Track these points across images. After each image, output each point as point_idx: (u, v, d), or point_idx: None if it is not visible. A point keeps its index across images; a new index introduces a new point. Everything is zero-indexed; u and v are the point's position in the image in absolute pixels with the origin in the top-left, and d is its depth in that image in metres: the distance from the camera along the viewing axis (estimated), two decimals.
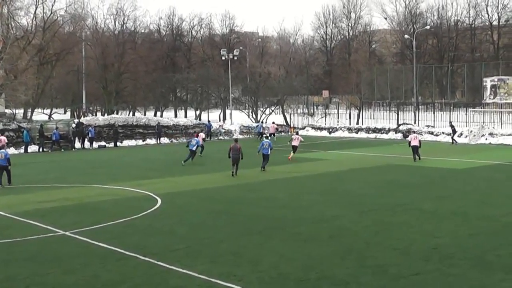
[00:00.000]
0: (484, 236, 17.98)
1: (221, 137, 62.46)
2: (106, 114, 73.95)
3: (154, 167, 37.52)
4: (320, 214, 21.57)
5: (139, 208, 22.73)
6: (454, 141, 51.82)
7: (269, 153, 34.91)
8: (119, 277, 14.44)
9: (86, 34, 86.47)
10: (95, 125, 54.54)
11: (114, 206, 23.89)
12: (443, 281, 13.76)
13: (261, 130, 60.28)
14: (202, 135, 46.65)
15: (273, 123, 62.33)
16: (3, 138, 43.60)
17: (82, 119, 58.99)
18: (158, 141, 57.29)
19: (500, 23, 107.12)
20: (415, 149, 38.54)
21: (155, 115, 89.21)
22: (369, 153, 44.61)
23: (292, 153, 40.40)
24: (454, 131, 52.52)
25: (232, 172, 32.70)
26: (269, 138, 43.83)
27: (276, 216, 21.28)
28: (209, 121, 64.56)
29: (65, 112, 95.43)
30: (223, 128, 64.74)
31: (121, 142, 55.22)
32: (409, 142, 39.06)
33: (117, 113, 77.98)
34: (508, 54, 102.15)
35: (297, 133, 43.19)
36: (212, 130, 62.14)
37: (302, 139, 41.99)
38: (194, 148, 38.28)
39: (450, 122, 55.19)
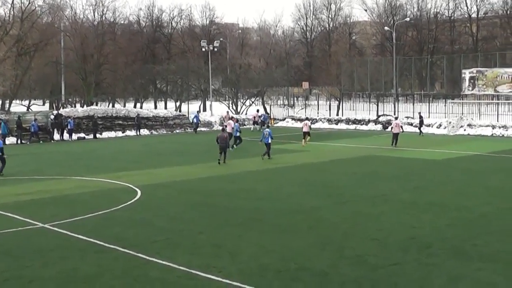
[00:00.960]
0: (462, 226, 18.16)
1: (202, 128, 62.31)
2: (85, 106, 73.46)
3: (134, 159, 37.41)
4: (299, 205, 21.65)
5: (118, 200, 22.67)
6: (421, 132, 52.32)
7: (269, 141, 35.67)
8: (98, 270, 14.42)
9: (65, 25, 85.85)
10: (74, 117, 54.23)
11: (93, 198, 23.80)
12: (421, 271, 13.88)
13: (266, 120, 60.23)
14: (231, 122, 45.19)
15: (257, 111, 63.20)
16: None
17: (61, 111, 58.57)
18: (138, 133, 57.08)
19: (479, 16, 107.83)
20: (395, 136, 41.37)
21: (134, 106, 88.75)
22: (348, 144, 44.79)
23: (304, 140, 43.04)
24: (421, 122, 53.05)
25: (219, 160, 33.48)
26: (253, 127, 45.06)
27: (255, 207, 21.33)
28: (198, 111, 63.60)
29: (43, 104, 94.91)
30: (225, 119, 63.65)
31: (101, 134, 54.98)
32: (392, 128, 40.58)
33: (96, 105, 77.57)
34: (487, 46, 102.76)
35: (307, 118, 46.30)
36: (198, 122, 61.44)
37: (311, 125, 44.84)
38: (238, 134, 40.36)
39: (419, 112, 55.61)
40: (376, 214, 19.86)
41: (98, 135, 54.55)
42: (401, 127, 43.98)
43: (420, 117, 53.95)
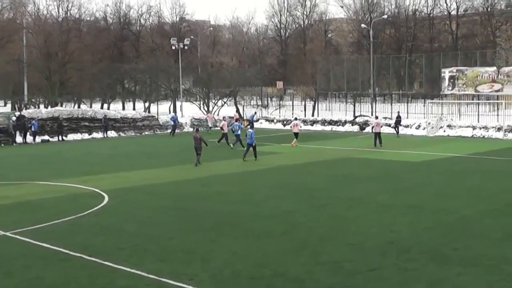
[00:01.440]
0: (441, 229, 18.31)
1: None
2: (49, 107, 73.00)
3: (101, 162, 37.23)
4: (273, 209, 21.70)
5: (84, 206, 22.54)
6: (397, 132, 52.86)
7: (252, 142, 36.02)
8: (63, 279, 14.31)
9: (27, 21, 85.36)
10: (38, 118, 53.80)
11: (58, 203, 23.64)
12: (400, 276, 13.97)
13: (254, 119, 60.65)
14: (224, 123, 46.94)
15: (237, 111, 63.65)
16: None
17: (24, 112, 58.08)
18: (105, 135, 56.79)
19: (459, 13, 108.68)
20: (377, 135, 42.55)
21: (101, 107, 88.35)
22: (324, 146, 44.97)
23: (295, 140, 44.44)
24: (398, 122, 53.43)
25: (196, 161, 34.21)
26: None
27: (228, 211, 21.34)
28: (175, 112, 63.26)
29: (5, 105, 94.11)
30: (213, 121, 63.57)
31: (66, 136, 54.58)
32: (372, 127, 41.30)
33: (61, 105, 77.13)
34: (467, 44, 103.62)
35: (295, 119, 47.43)
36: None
37: (301, 125, 46.12)
38: (239, 133, 40.98)
39: (398, 112, 55.87)
40: (353, 218, 19.97)
41: (63, 138, 54.15)
42: (380, 127, 44.90)
43: (398, 116, 54.17)
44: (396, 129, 53.35)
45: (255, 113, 67.29)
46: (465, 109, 62.69)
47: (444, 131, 53.57)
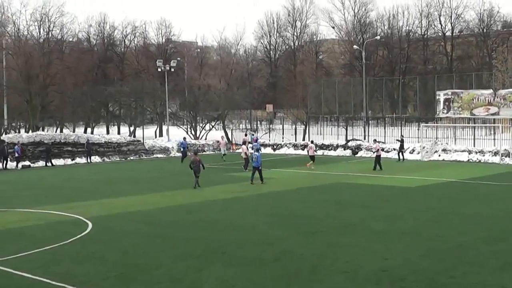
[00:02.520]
0: (436, 256, 18.40)
1: (158, 155, 62.15)
2: (30, 131, 72.93)
3: (85, 188, 37.20)
4: (264, 236, 21.75)
5: (68, 233, 22.52)
6: (400, 157, 52.72)
7: (258, 166, 37.43)
8: None
9: (7, 42, 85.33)
10: (19, 144, 53.58)
11: (40, 231, 23.59)
12: None
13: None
14: (244, 147, 47.47)
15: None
16: None
17: (4, 137, 57.99)
18: (89, 160, 56.70)
19: (454, 34, 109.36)
20: (378, 159, 44.19)
21: (85, 131, 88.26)
22: (316, 171, 45.07)
23: (312, 162, 46.62)
24: (402, 146, 53.40)
25: (195, 184, 35.75)
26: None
27: (216, 239, 21.38)
28: (184, 138, 61.42)
29: None
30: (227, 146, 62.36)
31: (51, 163, 54.24)
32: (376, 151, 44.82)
33: (43, 130, 76.98)
34: (462, 67, 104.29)
35: (312, 142, 49.13)
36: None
37: (315, 148, 48.36)
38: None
39: (402, 135, 55.92)
40: (346, 245, 20.04)
41: (51, 163, 53.73)
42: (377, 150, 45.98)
43: (401, 140, 53.87)
44: (401, 153, 52.87)
45: (256, 136, 66.63)
46: (460, 133, 63.00)
47: (439, 155, 53.83)
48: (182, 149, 56.66)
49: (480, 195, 31.87)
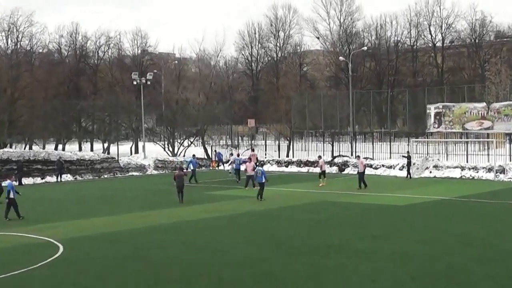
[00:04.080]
0: (427, 278, 18.47)
1: (134, 173, 62.03)
2: None
3: (55, 208, 37.07)
4: (244, 257, 21.76)
5: (37, 257, 22.39)
6: (409, 175, 52.49)
7: (263, 181, 38.74)
8: None
9: None
10: None
11: (6, 255, 23.44)
12: None
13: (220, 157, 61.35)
14: (249, 165, 47.35)
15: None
16: None
17: None
18: (59, 179, 56.41)
19: (445, 45, 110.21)
20: (362, 176, 44.31)
21: (56, 148, 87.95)
22: (300, 189, 45.15)
23: (323, 178, 47.03)
24: (409, 163, 52.78)
25: (178, 199, 37.35)
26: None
27: (194, 260, 21.37)
28: (194, 155, 59.40)
29: None
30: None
31: (16, 181, 53.92)
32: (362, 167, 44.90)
33: (10, 147, 76.58)
34: (453, 79, 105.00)
35: (320, 157, 49.49)
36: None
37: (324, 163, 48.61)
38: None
39: (408, 152, 54.98)
40: (331, 267, 20.09)
41: (21, 182, 53.40)
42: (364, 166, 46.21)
43: (408, 156, 53.34)
44: (408, 170, 52.69)
45: (238, 152, 66.19)
46: (452, 148, 63.27)
47: (430, 172, 54.04)
48: (191, 168, 52.71)
49: (473, 213, 32.07)
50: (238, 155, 56.09)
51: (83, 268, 20.85)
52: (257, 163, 46.40)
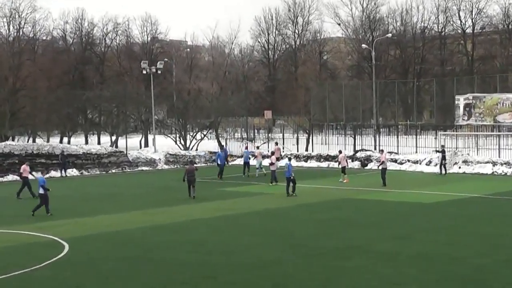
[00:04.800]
0: (453, 282, 18.46)
1: (143, 168, 62.19)
2: None
3: (60, 205, 37.10)
4: (259, 259, 21.80)
5: (40, 257, 22.52)
6: (443, 171, 51.94)
7: (290, 175, 38.86)
8: None
9: None
10: None
11: (8, 255, 23.60)
12: None
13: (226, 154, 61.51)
14: (273, 157, 47.42)
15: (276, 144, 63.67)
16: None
17: None
18: (63, 174, 56.56)
19: (475, 31, 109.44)
20: (384, 172, 43.85)
21: (60, 141, 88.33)
22: (319, 186, 45.14)
23: (344, 175, 46.56)
24: (444, 157, 52.25)
25: (189, 194, 38.14)
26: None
27: (205, 262, 21.43)
28: (222, 147, 59.08)
29: None
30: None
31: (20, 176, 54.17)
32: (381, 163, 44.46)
33: (13, 140, 76.99)
34: (484, 68, 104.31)
35: (340, 152, 49.42)
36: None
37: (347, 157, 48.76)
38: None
39: (442, 146, 54.60)
40: (351, 269, 20.09)
41: (10, 177, 53.66)
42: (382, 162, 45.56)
43: (442, 151, 52.79)
44: (443, 166, 52.37)
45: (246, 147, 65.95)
46: (483, 142, 62.95)
47: (459, 167, 53.77)
48: (219, 162, 52.73)
49: (503, 212, 31.87)
50: (247, 148, 56.61)
51: (88, 269, 20.95)
52: (282, 158, 46.53)
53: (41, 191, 33.07)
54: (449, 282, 18.45)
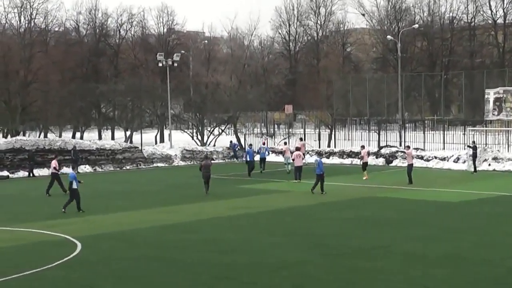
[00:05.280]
0: (487, 284, 18.35)
1: (159, 164, 62.26)
2: (9, 136, 73.23)
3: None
4: (281, 259, 21.73)
5: (52, 256, 22.56)
6: (474, 168, 51.51)
7: (320, 172, 39.01)
8: None
9: None
10: None
11: (19, 254, 23.69)
12: None
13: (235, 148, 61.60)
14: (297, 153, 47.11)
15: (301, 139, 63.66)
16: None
17: None
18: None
19: (507, 21, 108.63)
20: (410, 168, 43.52)
21: (73, 136, 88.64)
22: (342, 183, 45.00)
23: (364, 172, 46.50)
24: (475, 154, 51.82)
25: (205, 190, 38.75)
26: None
27: (224, 262, 21.38)
28: (250, 145, 59.00)
29: None
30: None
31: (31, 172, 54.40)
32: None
33: (24, 135, 77.29)
34: None
35: (362, 147, 49.57)
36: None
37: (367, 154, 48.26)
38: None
39: (474, 142, 54.07)
40: (377, 271, 19.99)
41: (33, 174, 53.94)
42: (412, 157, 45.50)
43: (474, 147, 52.26)
44: (474, 163, 52.01)
45: (263, 142, 65.67)
46: None
47: (489, 164, 53.51)
48: (247, 160, 52.47)
49: None
50: (264, 143, 56.96)
51: (101, 269, 20.96)
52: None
53: (74, 186, 33.35)
54: (481, 284, 18.33)
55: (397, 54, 76.13)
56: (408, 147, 48.79)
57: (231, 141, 71.28)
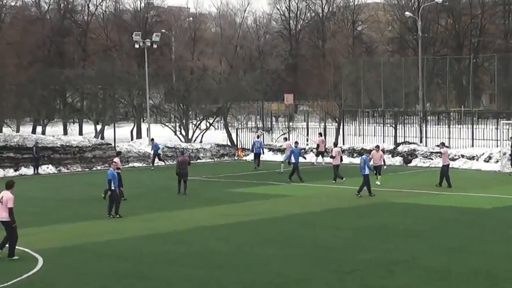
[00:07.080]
0: None
1: (135, 164, 62.29)
2: None
3: (33, 210, 37.23)
4: (280, 276, 21.80)
5: (8, 273, 22.55)
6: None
7: (366, 172, 40.78)
8: None
9: None
10: None
11: None
12: None
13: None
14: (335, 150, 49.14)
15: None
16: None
17: None
18: (36, 171, 56.58)
19: None
20: (445, 169, 43.58)
21: (33, 131, 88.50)
22: (352, 186, 45.01)
23: (379, 176, 45.68)
24: None
25: (179, 190, 40.37)
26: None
27: (213, 279, 21.43)
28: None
29: None
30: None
31: None
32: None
33: None
34: None
35: (377, 147, 48.90)
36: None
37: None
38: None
39: (511, 138, 54.42)
40: None
41: None
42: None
43: None
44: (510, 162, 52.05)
45: (257, 136, 65.62)
46: None
47: None
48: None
49: None
50: (258, 137, 57.41)
51: (68, 287, 20.98)
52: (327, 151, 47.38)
53: (112, 186, 34.19)
54: None
55: (417, 34, 76.25)
56: (443, 144, 48.48)
57: (152, 139, 65.41)
